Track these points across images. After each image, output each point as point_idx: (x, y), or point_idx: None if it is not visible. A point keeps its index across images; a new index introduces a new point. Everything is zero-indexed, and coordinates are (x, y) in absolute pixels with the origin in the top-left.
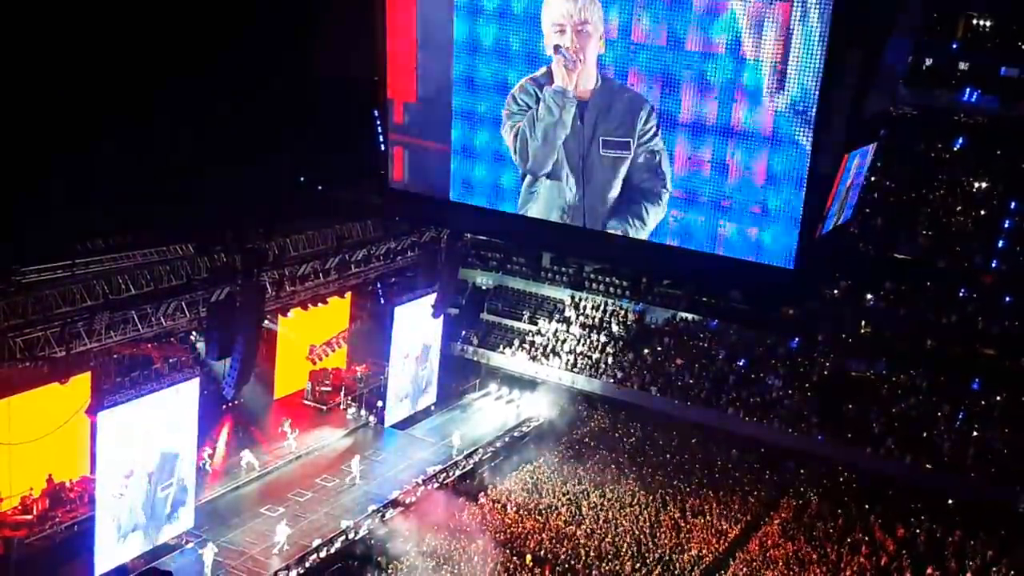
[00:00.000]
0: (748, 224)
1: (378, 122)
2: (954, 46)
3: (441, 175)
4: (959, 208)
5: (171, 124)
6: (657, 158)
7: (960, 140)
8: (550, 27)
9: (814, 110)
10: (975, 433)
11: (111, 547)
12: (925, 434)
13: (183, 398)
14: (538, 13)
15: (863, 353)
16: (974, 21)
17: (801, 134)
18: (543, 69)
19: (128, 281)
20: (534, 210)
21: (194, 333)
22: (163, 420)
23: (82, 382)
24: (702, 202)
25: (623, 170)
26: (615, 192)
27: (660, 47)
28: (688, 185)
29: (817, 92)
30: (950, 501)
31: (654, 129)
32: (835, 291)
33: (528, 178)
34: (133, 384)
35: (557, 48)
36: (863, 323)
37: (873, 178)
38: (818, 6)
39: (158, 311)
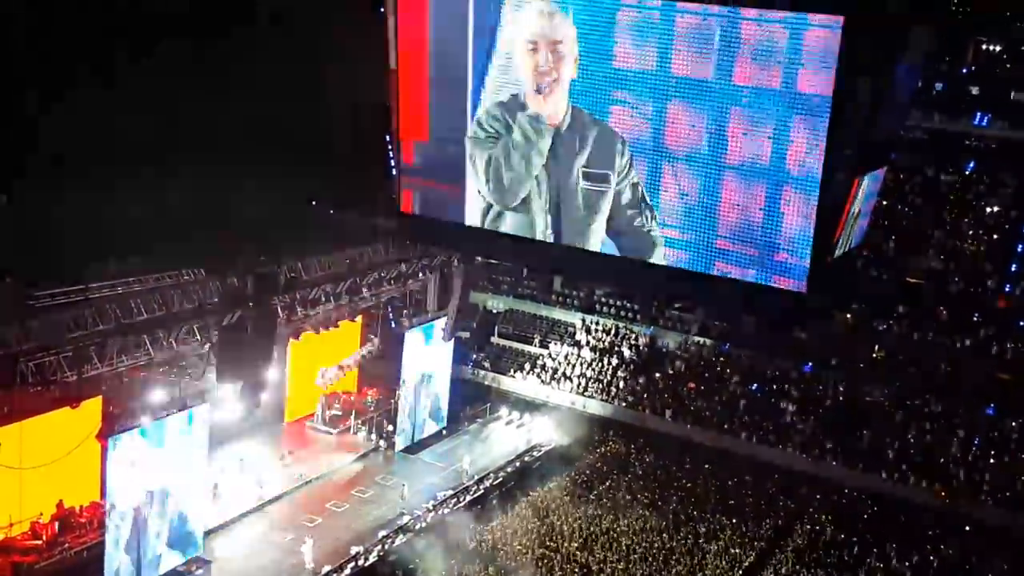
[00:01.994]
0: (758, 252)
1: (390, 147)
2: (964, 71)
3: (455, 212)
4: (971, 232)
5: (183, 149)
6: (639, 191)
7: (971, 164)
8: (523, 45)
9: (823, 134)
10: (991, 459)
11: (120, 573)
12: (940, 459)
13: (194, 422)
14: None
15: (877, 378)
16: (984, 46)
17: (810, 158)
18: (509, 94)
19: (140, 305)
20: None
21: (206, 357)
22: (174, 445)
23: (93, 407)
24: (700, 237)
25: (604, 206)
26: (596, 227)
27: (647, 72)
28: (685, 220)
29: (827, 117)
30: (966, 527)
31: (628, 163)
32: (848, 316)
33: (492, 211)
34: (144, 409)
35: (538, 87)
36: (876, 348)
37: (884, 202)
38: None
39: (170, 335)
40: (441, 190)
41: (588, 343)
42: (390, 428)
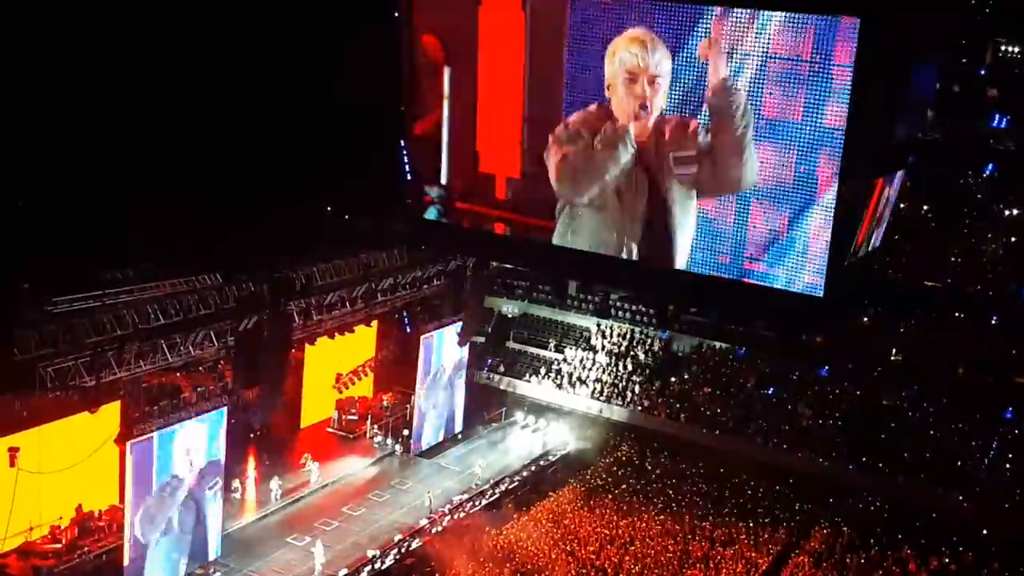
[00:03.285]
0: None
1: (404, 151)
2: (982, 72)
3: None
4: (989, 235)
5: (198, 154)
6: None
7: (990, 166)
8: (621, 72)
9: (843, 138)
10: (1008, 463)
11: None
12: (958, 463)
13: (211, 427)
14: None
15: (894, 382)
16: (1002, 47)
17: (829, 162)
18: (598, 105)
19: (157, 311)
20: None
21: (222, 362)
22: (192, 449)
23: (112, 411)
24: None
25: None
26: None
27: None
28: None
29: (845, 119)
30: (984, 531)
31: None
32: (865, 319)
33: (566, 211)
34: (162, 413)
35: (643, 106)
36: (893, 351)
37: (902, 205)
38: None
39: (187, 340)
40: (532, 223)
41: (603, 347)
42: (405, 432)
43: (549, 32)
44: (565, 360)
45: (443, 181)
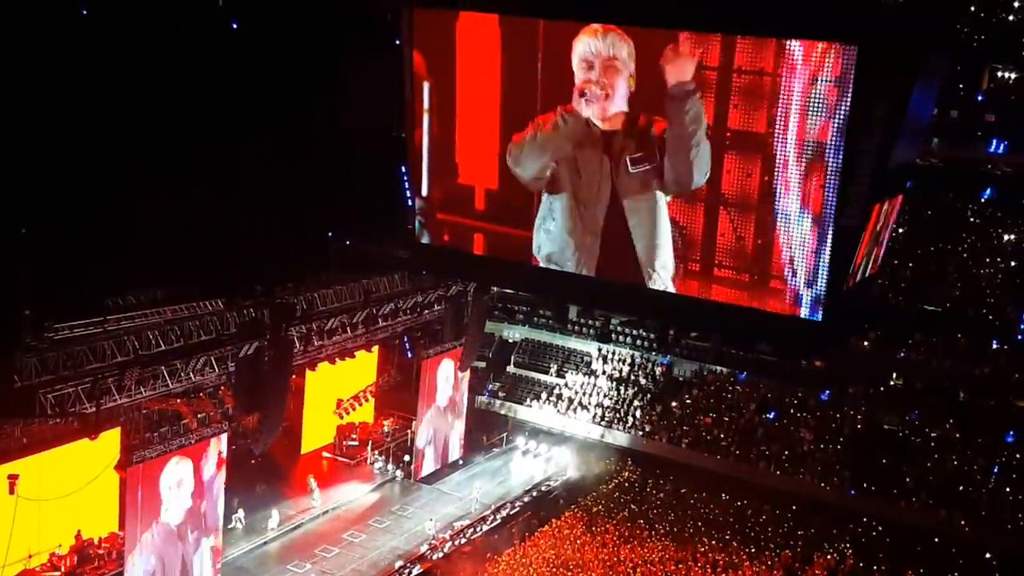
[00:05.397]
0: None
1: (405, 177)
2: (980, 97)
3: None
4: (988, 259)
5: (200, 180)
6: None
7: (988, 191)
8: (579, 63)
9: (840, 162)
10: (1009, 487)
11: None
12: (959, 487)
13: (211, 454)
14: None
15: (895, 405)
16: (999, 73)
17: (829, 188)
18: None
19: (158, 336)
20: (546, 248)
21: (223, 388)
22: (191, 476)
23: (112, 438)
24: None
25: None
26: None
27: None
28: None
29: (843, 144)
30: (987, 555)
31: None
32: (865, 343)
33: (540, 215)
34: (163, 439)
35: (582, 92)
36: (894, 375)
37: (901, 229)
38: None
39: (187, 366)
40: (510, 233)
41: (604, 372)
42: (406, 458)
43: (524, 46)
44: (566, 385)
45: (424, 193)
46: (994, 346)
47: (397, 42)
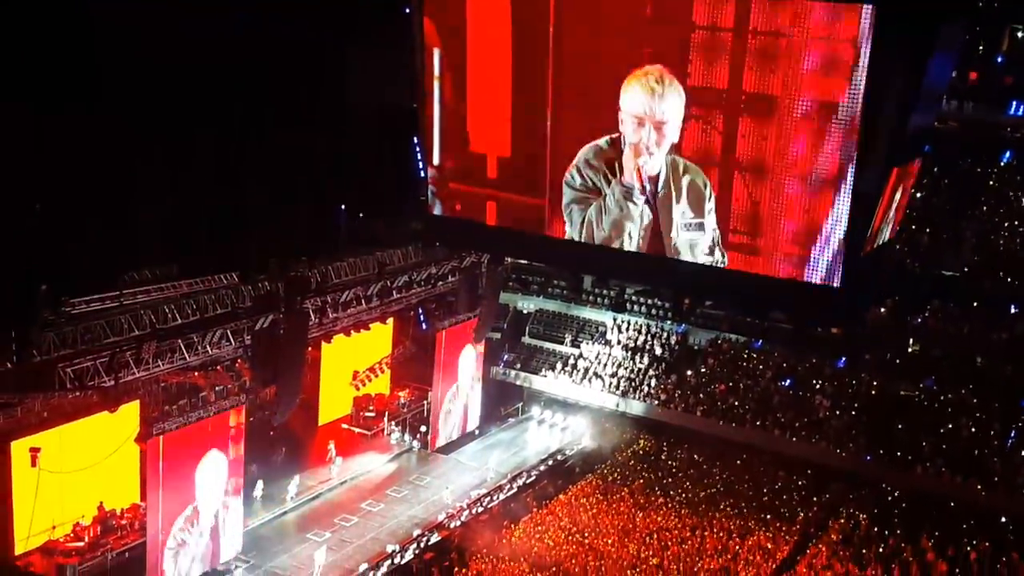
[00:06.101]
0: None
1: (417, 149)
2: (999, 60)
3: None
4: (1007, 224)
5: (215, 155)
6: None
7: (1007, 155)
8: (629, 116)
9: (858, 128)
10: None
11: (163, 572)
12: (975, 453)
13: (229, 425)
14: None
15: (911, 372)
16: (1019, 34)
17: (846, 153)
18: (608, 140)
19: (175, 310)
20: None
21: (240, 361)
22: (210, 447)
23: (131, 411)
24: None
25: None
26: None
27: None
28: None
29: (860, 109)
30: (1003, 520)
31: (714, 208)
32: (882, 309)
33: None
34: (181, 412)
35: (648, 149)
36: (911, 342)
37: (919, 195)
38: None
39: (204, 340)
40: (524, 201)
41: (619, 342)
42: (423, 429)
43: (536, 11)
44: (581, 355)
45: (435, 162)
46: (1012, 311)
47: (407, 10)
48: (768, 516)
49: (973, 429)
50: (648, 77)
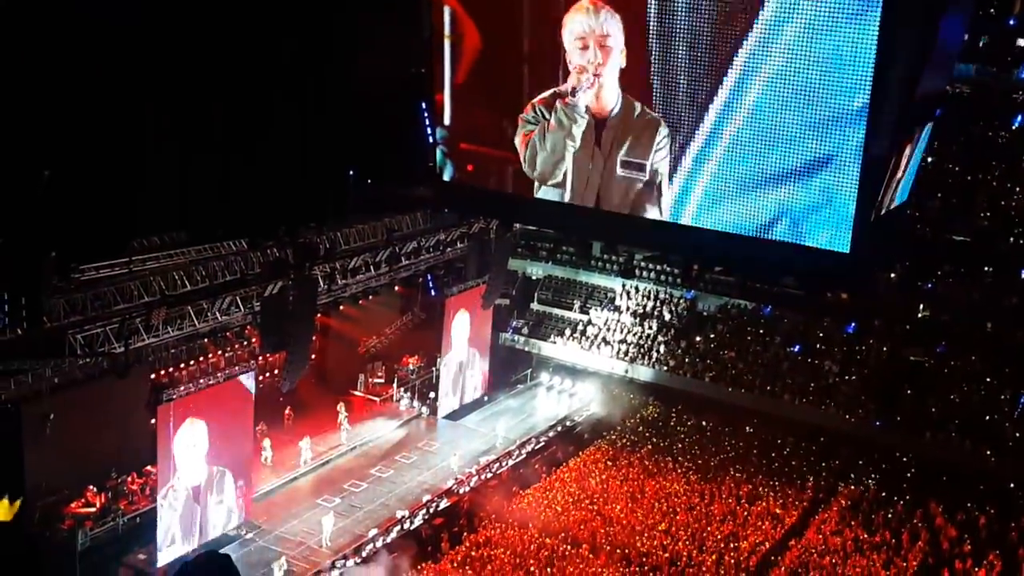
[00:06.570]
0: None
1: (425, 114)
2: (1011, 22)
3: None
4: (1018, 188)
5: (222, 121)
6: (659, 178)
7: (1018, 119)
8: (573, 42)
9: (868, 91)
10: None
11: (172, 537)
12: (985, 419)
13: (238, 391)
14: None
15: (921, 337)
16: None
17: (856, 116)
18: (566, 85)
19: (183, 277)
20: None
21: (249, 327)
22: (220, 414)
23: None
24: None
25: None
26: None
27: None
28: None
29: (871, 73)
30: (1012, 485)
31: (665, 150)
32: (892, 275)
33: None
34: (191, 378)
35: (574, 89)
36: (921, 307)
37: (929, 159)
38: None
39: (213, 306)
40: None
41: (628, 308)
42: (431, 395)
43: None
44: (590, 321)
45: (447, 122)
46: (1022, 276)
47: None
48: (777, 482)
49: (983, 394)
50: (581, 5)
